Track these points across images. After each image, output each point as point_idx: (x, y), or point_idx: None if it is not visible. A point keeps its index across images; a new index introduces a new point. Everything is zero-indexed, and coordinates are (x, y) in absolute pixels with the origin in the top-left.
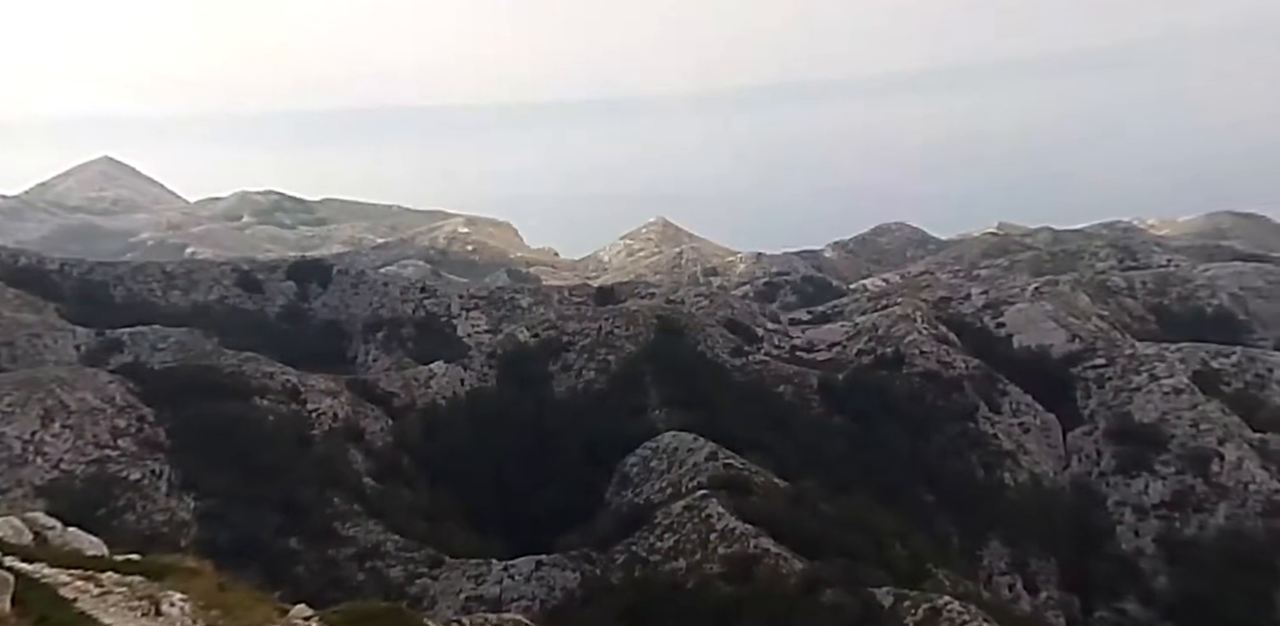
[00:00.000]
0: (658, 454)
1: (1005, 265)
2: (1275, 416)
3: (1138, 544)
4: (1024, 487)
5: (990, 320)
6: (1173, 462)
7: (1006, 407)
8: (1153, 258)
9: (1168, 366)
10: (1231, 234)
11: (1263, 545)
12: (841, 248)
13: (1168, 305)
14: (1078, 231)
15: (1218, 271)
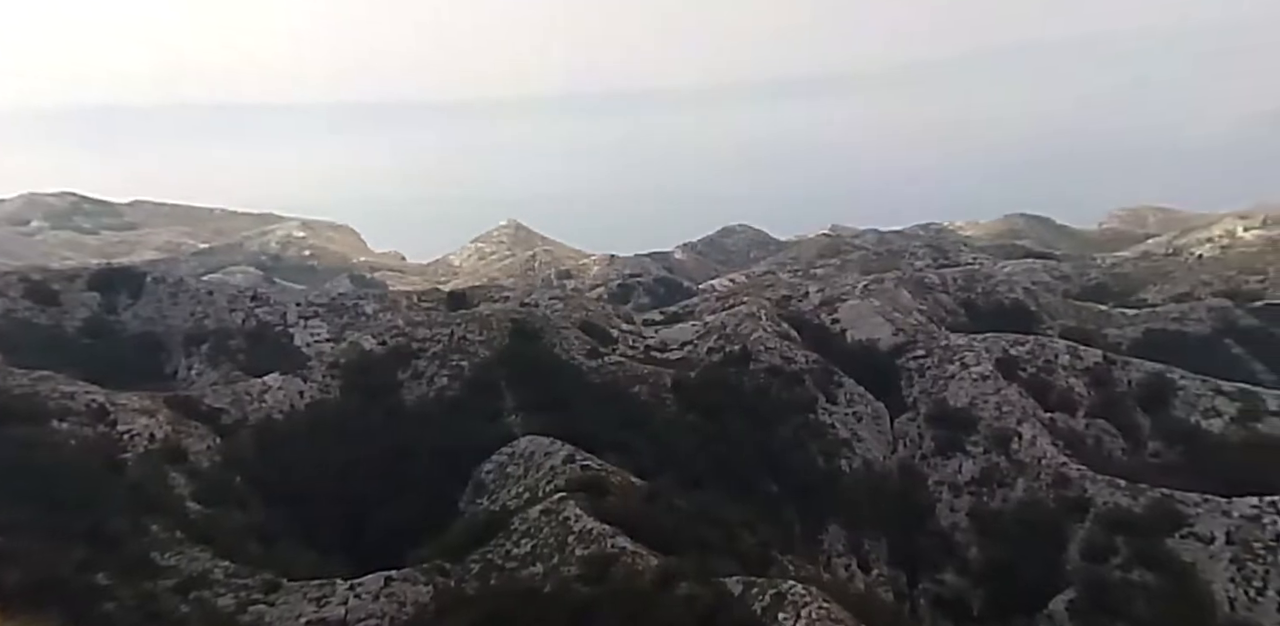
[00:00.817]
0: (514, 459)
1: (838, 264)
2: (1061, 397)
3: (954, 519)
4: (858, 473)
5: (826, 316)
6: (981, 443)
7: (842, 398)
8: (961, 256)
9: (975, 355)
10: (1024, 234)
11: (1053, 513)
12: (690, 249)
13: (974, 300)
14: (899, 233)
15: (1014, 268)
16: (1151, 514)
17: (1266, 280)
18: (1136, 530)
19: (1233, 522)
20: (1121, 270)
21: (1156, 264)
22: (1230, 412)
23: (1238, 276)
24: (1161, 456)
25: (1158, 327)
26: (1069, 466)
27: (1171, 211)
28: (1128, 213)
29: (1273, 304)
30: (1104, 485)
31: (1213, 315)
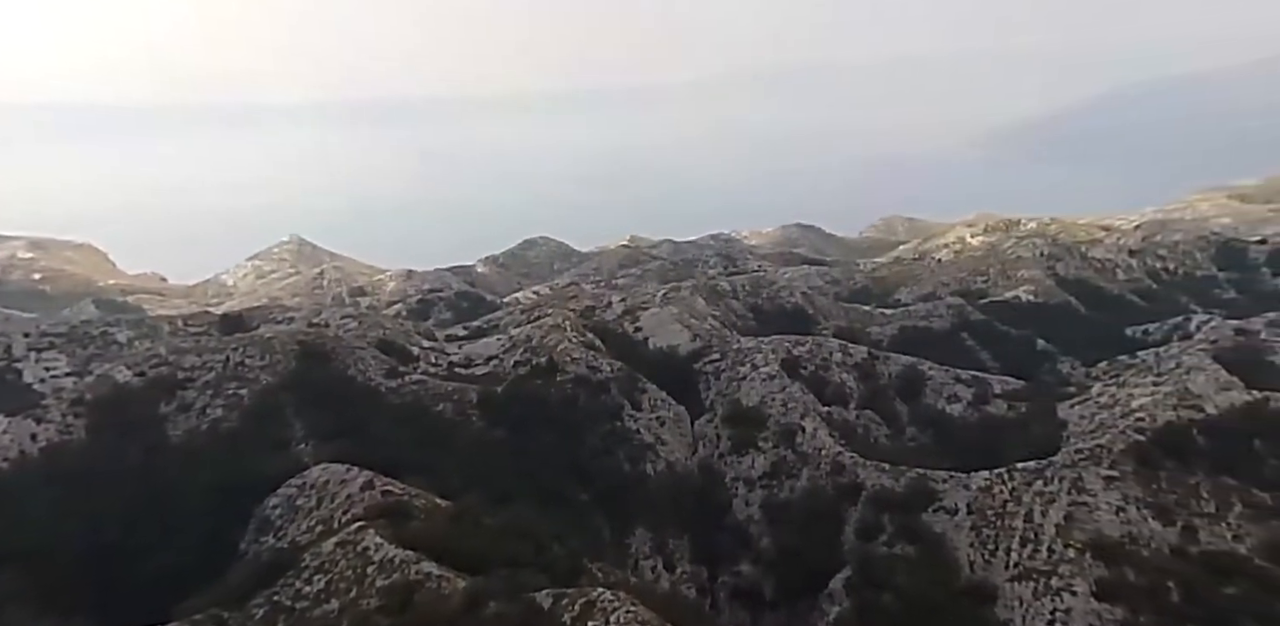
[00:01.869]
0: (305, 490)
1: (638, 274)
2: (836, 392)
3: (748, 512)
4: (662, 476)
5: (629, 325)
6: (770, 438)
7: (646, 404)
8: (749, 264)
9: (764, 357)
10: (800, 243)
11: (832, 499)
12: (493, 262)
13: (761, 304)
14: (692, 243)
15: (793, 274)
16: (910, 492)
17: (989, 280)
18: (899, 508)
19: (971, 494)
20: (880, 274)
21: (907, 268)
22: (967, 397)
23: (968, 277)
24: (916, 440)
25: (910, 325)
26: (844, 455)
27: (917, 221)
28: (883, 222)
29: (995, 301)
30: (872, 469)
31: (951, 312)
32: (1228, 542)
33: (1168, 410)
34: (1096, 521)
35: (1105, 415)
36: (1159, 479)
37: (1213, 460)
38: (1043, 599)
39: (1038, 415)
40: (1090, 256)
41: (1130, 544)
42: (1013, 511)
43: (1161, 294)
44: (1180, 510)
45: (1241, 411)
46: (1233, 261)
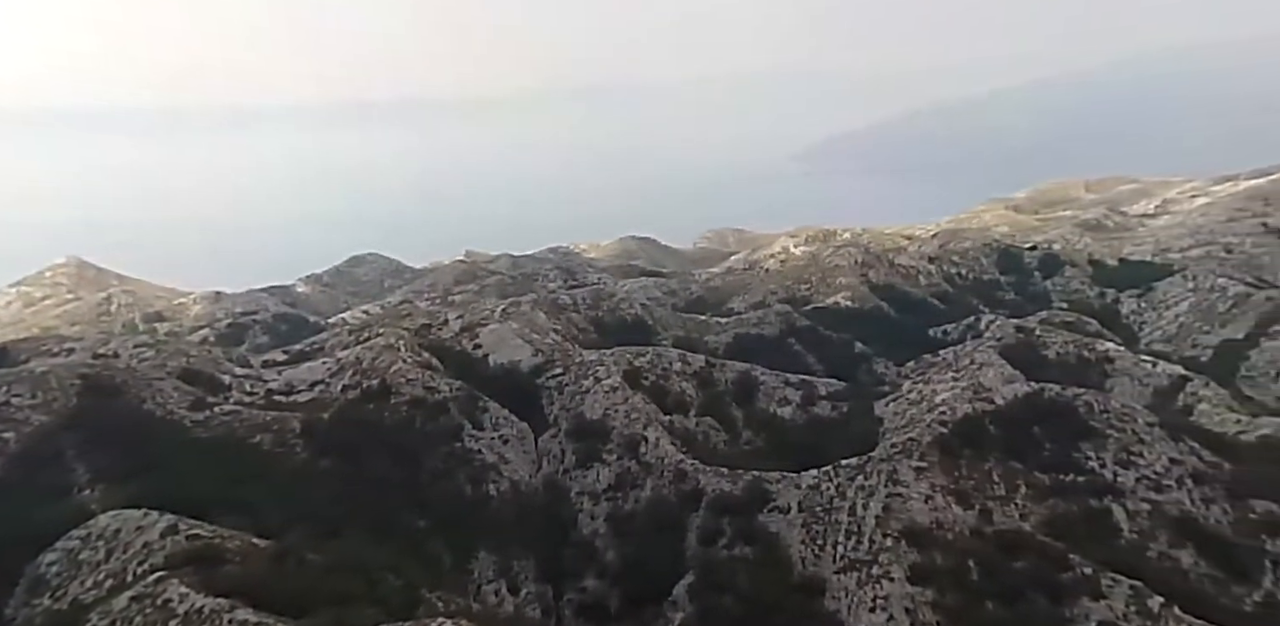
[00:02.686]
0: (90, 542)
1: (476, 290)
2: (676, 400)
3: (594, 526)
4: (506, 495)
5: (468, 342)
6: (615, 450)
7: (488, 423)
8: (588, 277)
9: (606, 369)
10: (637, 255)
11: (674, 506)
12: (316, 282)
13: (602, 317)
14: (531, 257)
15: (632, 286)
16: (747, 495)
17: (812, 288)
18: (737, 511)
19: (802, 493)
20: (714, 284)
21: (739, 278)
22: (796, 400)
23: (794, 285)
24: (752, 443)
25: (743, 332)
26: (686, 462)
27: (745, 232)
28: (714, 234)
29: (818, 307)
30: (712, 475)
31: (779, 319)
32: (1016, 521)
33: (965, 403)
34: (909, 510)
35: (914, 410)
36: (960, 467)
37: (1002, 447)
38: (865, 587)
39: (858, 413)
40: (897, 264)
41: (938, 529)
42: (839, 506)
43: (956, 297)
44: (977, 495)
45: (1023, 401)
46: (1011, 266)
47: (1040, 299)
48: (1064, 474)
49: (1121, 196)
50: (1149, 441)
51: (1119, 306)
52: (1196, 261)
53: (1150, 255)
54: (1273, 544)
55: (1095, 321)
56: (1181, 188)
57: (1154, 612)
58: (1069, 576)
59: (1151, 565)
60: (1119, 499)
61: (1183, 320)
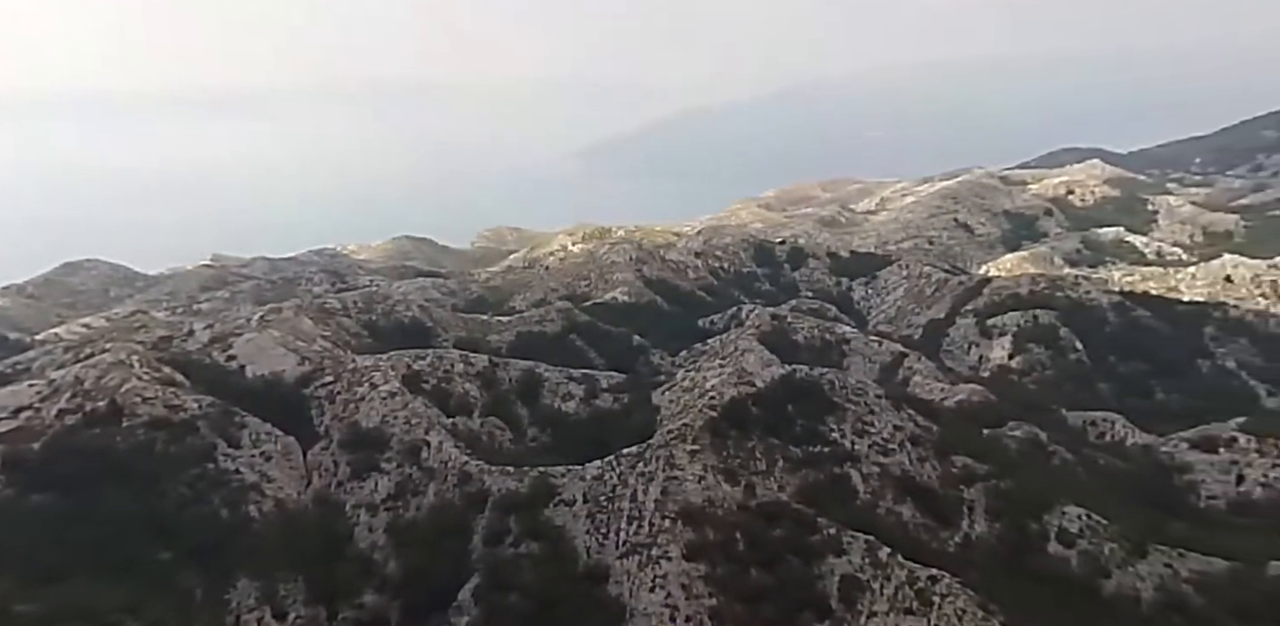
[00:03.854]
0: None
1: (227, 297)
2: (460, 402)
3: (372, 539)
4: (269, 516)
5: (220, 354)
6: (394, 458)
7: (247, 440)
8: (359, 279)
9: (383, 374)
10: (412, 255)
11: (461, 510)
12: (18, 292)
13: (375, 320)
14: (292, 260)
15: (408, 287)
16: (533, 491)
17: (591, 284)
18: (523, 508)
19: (586, 485)
20: (494, 283)
21: (519, 276)
22: (580, 394)
23: (573, 282)
24: (538, 440)
25: (525, 330)
26: (470, 464)
27: (524, 230)
28: (492, 233)
29: (598, 303)
30: (498, 474)
31: (561, 316)
32: (775, 493)
33: (731, 387)
34: (685, 491)
35: (687, 397)
36: (728, 447)
37: (764, 426)
38: (645, 569)
39: (638, 404)
40: (668, 259)
41: (710, 507)
42: (621, 494)
43: (721, 289)
44: (743, 471)
45: (779, 383)
46: (765, 259)
47: (790, 289)
48: (813, 446)
49: (850, 195)
50: (878, 412)
51: (852, 293)
52: (908, 252)
53: (874, 247)
54: (969, 492)
55: (834, 307)
56: (895, 188)
57: (883, 562)
58: (817, 538)
59: (881, 520)
60: (856, 464)
61: (899, 304)
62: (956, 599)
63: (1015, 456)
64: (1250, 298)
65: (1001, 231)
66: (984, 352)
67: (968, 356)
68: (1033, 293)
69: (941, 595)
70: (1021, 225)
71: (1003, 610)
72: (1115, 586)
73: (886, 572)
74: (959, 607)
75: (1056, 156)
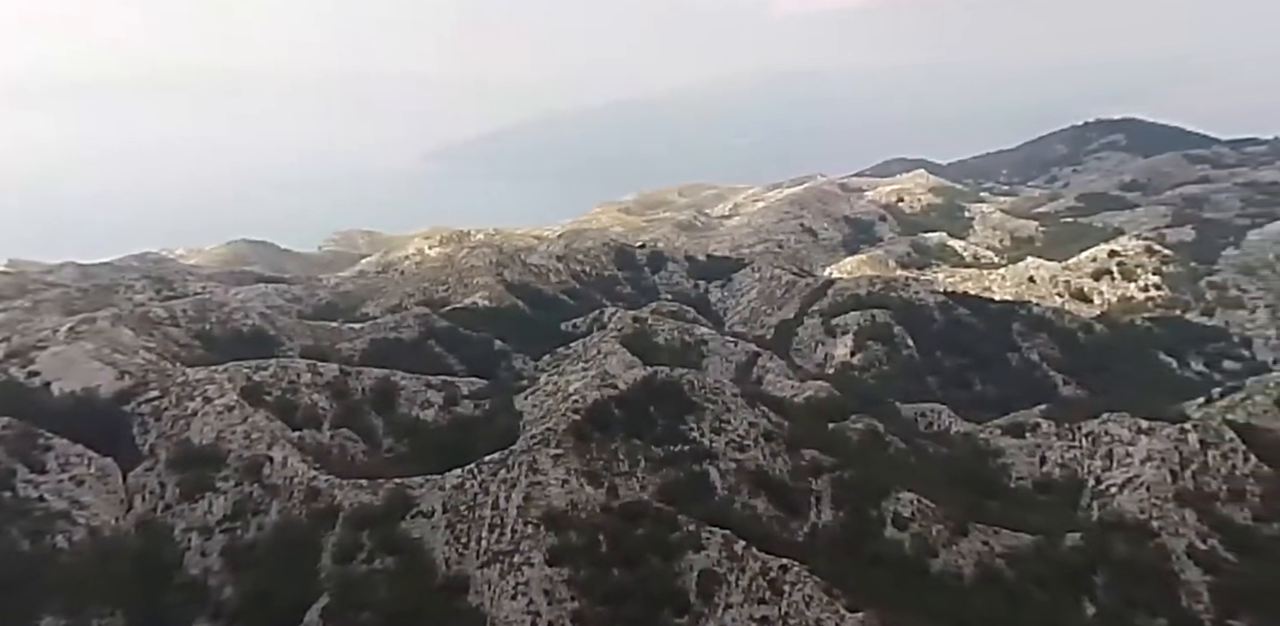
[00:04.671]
0: None
1: (28, 306)
2: (307, 414)
3: (206, 564)
4: (82, 546)
5: (19, 370)
6: (231, 476)
7: (53, 464)
8: (189, 286)
9: (218, 387)
10: (251, 260)
11: (308, 528)
12: None
13: (210, 330)
14: (109, 265)
15: (247, 294)
16: (388, 504)
17: (450, 289)
18: (377, 522)
19: (446, 494)
20: (345, 288)
21: (372, 281)
22: (439, 402)
23: (431, 287)
24: (395, 450)
25: (380, 337)
26: (319, 479)
27: (377, 234)
28: (342, 236)
29: (457, 308)
30: (349, 488)
31: (418, 321)
32: (638, 493)
33: (594, 390)
34: (548, 496)
35: (551, 401)
36: (591, 449)
37: (626, 427)
38: (507, 577)
39: (500, 409)
40: (529, 263)
41: (573, 510)
42: (482, 502)
43: (583, 292)
44: (606, 473)
45: (641, 384)
46: (627, 263)
47: (650, 291)
48: (674, 445)
49: (705, 200)
50: (734, 409)
51: (709, 295)
52: (760, 256)
53: (728, 251)
54: (816, 483)
55: (693, 309)
56: (747, 194)
57: (739, 555)
58: (677, 535)
59: (737, 515)
60: (714, 461)
61: (753, 305)
62: (805, 586)
63: (857, 447)
64: (1049, 296)
65: (843, 235)
66: (829, 351)
67: (815, 354)
68: (870, 294)
69: (791, 583)
70: (860, 230)
71: (845, 594)
72: (941, 564)
73: (742, 565)
74: (807, 594)
75: (888, 166)
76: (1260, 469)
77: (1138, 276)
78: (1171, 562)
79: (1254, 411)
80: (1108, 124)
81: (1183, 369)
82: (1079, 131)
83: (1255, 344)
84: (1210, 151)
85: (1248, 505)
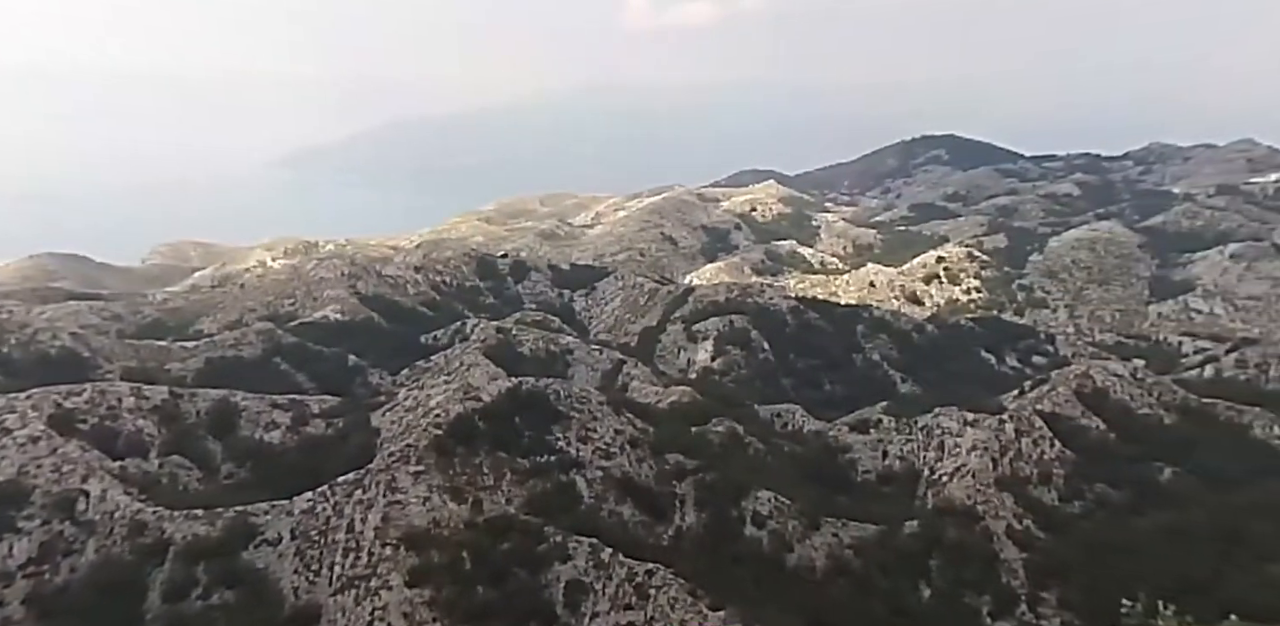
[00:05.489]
0: None
1: None
2: (130, 442)
3: (6, 613)
4: None
5: None
6: (37, 514)
7: None
8: None
9: (20, 416)
10: (60, 275)
11: (132, 565)
12: None
13: (8, 353)
14: None
15: (55, 313)
16: (227, 534)
17: (297, 302)
18: (215, 554)
19: (294, 520)
20: (174, 304)
21: (207, 296)
22: (286, 422)
23: (275, 301)
24: (235, 476)
25: (217, 356)
26: (145, 512)
27: (211, 245)
28: (170, 248)
29: (305, 322)
30: (181, 520)
31: (261, 338)
32: (503, 507)
33: (456, 403)
34: (408, 515)
35: (410, 417)
36: (454, 465)
37: (491, 440)
38: (363, 603)
39: (355, 427)
40: (385, 274)
41: (435, 528)
42: (336, 526)
43: (443, 304)
44: (469, 488)
45: (506, 396)
46: (488, 272)
47: (514, 301)
48: (540, 456)
49: (567, 209)
50: (600, 417)
51: (573, 304)
52: (623, 264)
53: (592, 259)
54: (680, 486)
55: (558, 319)
56: (608, 203)
57: (605, 562)
58: (544, 547)
59: (604, 522)
60: (581, 470)
61: (617, 313)
62: (669, 589)
63: (718, 450)
64: (888, 300)
65: (701, 244)
66: (691, 356)
67: (678, 360)
68: (729, 300)
69: (657, 587)
70: (717, 238)
71: (708, 594)
72: (796, 558)
73: (609, 572)
74: (671, 597)
75: (741, 177)
76: (1064, 453)
77: (961, 280)
78: (994, 543)
79: (1058, 401)
80: (931, 140)
81: (1000, 364)
82: (907, 146)
83: (1058, 340)
84: (1017, 166)
85: (1054, 487)
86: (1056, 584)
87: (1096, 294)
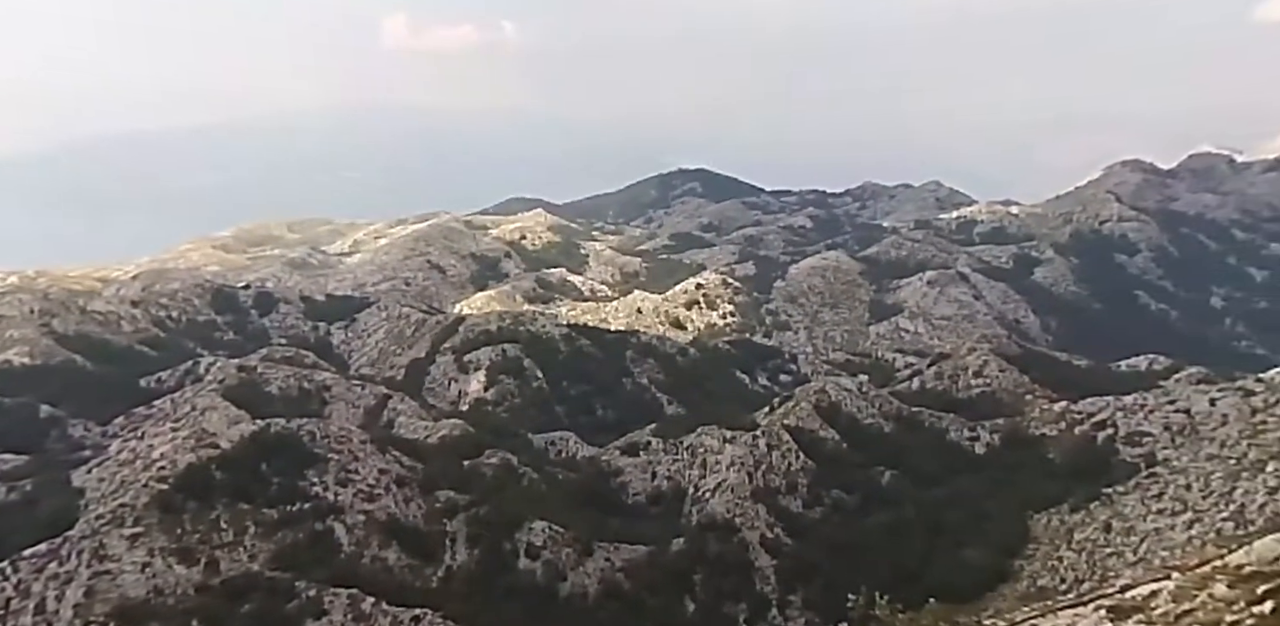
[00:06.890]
0: None
1: None
2: None
3: None
4: None
5: None
6: None
7: None
8: None
9: None
10: None
11: None
12: None
13: None
14: None
15: None
16: None
17: None
18: None
19: None
20: None
21: None
22: None
23: None
24: None
25: None
26: None
27: None
28: None
29: None
30: None
31: None
32: (245, 564)
33: (187, 452)
34: (120, 586)
35: (126, 472)
36: (183, 522)
37: (231, 491)
38: None
39: (49, 489)
40: (91, 310)
41: (156, 597)
42: (20, 607)
43: (170, 341)
44: (203, 547)
45: (250, 440)
46: (227, 305)
47: (260, 336)
48: (291, 504)
49: (321, 236)
50: (363, 457)
51: (330, 337)
52: (386, 294)
53: (351, 290)
54: (451, 524)
55: (313, 353)
56: (367, 230)
57: (367, 613)
58: (294, 604)
59: (365, 570)
60: (339, 516)
61: (381, 345)
62: None
63: (492, 482)
64: (654, 325)
65: (470, 272)
66: (462, 387)
67: (449, 391)
68: (500, 328)
69: None
70: (486, 266)
71: None
72: (570, 586)
73: (371, 624)
74: None
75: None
76: (807, 464)
77: (718, 305)
78: (749, 553)
79: (801, 415)
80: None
81: (753, 383)
82: (665, 179)
83: (800, 359)
84: (760, 199)
85: (799, 495)
86: (801, 586)
87: (829, 316)
